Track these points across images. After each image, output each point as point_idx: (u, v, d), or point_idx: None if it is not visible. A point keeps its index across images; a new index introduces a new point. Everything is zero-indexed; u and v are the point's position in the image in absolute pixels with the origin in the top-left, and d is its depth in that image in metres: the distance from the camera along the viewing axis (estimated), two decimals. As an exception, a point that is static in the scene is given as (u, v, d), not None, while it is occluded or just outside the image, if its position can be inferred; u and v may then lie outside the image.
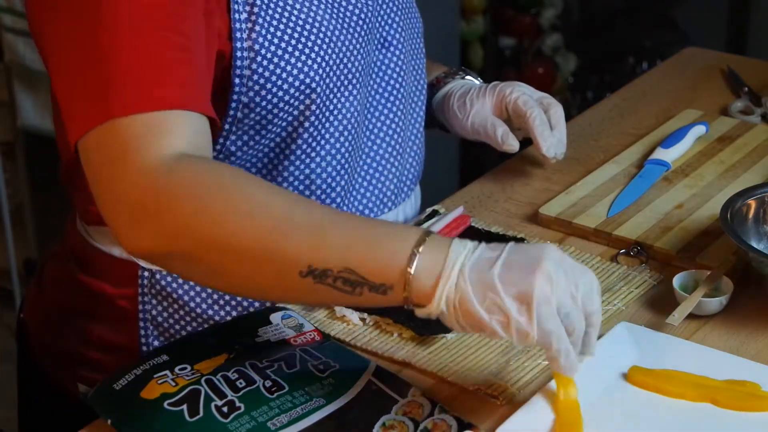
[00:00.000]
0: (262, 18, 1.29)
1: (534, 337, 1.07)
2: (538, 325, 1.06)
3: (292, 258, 1.09)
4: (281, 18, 1.31)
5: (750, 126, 1.73)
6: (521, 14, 3.52)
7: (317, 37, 1.33)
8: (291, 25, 1.32)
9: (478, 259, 1.08)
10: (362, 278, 1.09)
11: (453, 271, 1.08)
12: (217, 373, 1.21)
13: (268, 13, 1.30)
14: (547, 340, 1.07)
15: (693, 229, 1.47)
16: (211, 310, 1.40)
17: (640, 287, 1.39)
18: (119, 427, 1.18)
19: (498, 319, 1.07)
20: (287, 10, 1.32)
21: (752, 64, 1.96)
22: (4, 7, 2.87)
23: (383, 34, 1.44)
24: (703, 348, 1.27)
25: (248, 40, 1.29)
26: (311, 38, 1.33)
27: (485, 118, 1.54)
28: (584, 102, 3.53)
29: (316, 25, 1.33)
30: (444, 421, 1.17)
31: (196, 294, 1.40)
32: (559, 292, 1.08)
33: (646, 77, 1.97)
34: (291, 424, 1.16)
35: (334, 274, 1.09)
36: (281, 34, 1.31)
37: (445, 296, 1.08)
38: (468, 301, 1.07)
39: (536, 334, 1.07)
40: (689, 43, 2.22)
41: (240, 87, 1.30)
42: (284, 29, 1.31)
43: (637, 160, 1.65)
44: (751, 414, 1.18)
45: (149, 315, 1.41)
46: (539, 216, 1.53)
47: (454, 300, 1.08)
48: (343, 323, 1.34)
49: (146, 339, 1.42)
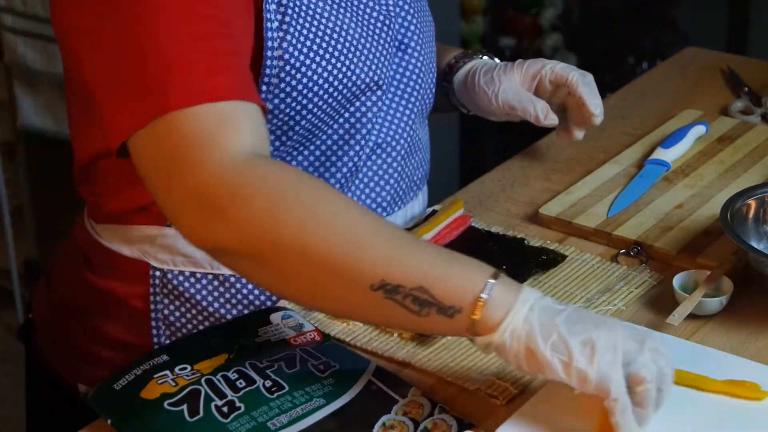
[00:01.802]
0: (293, 27, 1.29)
1: (592, 380, 1.07)
2: (598, 367, 1.07)
3: (366, 270, 1.09)
4: (311, 27, 1.31)
5: (750, 126, 1.73)
6: (521, 14, 3.52)
7: (343, 46, 1.33)
8: (320, 34, 1.32)
9: (547, 305, 1.10)
10: (433, 298, 1.09)
11: (524, 306, 1.09)
12: (217, 373, 1.21)
13: (299, 22, 1.30)
14: (605, 386, 1.07)
15: (693, 229, 1.47)
16: (224, 309, 1.40)
17: (640, 287, 1.39)
18: (119, 427, 1.18)
19: (559, 358, 1.08)
20: (316, 18, 1.31)
21: (752, 64, 1.96)
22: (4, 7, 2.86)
23: (401, 38, 1.44)
24: (703, 348, 1.27)
25: (279, 49, 1.28)
26: (338, 47, 1.33)
27: (518, 92, 1.52)
28: (584, 102, 3.52)
29: (343, 34, 1.34)
30: (444, 421, 1.17)
31: (208, 293, 1.40)
32: (626, 344, 1.08)
33: (646, 77, 1.97)
34: (291, 424, 1.16)
35: (405, 291, 1.09)
36: (311, 43, 1.31)
37: (512, 328, 1.09)
38: (533, 337, 1.08)
39: (594, 377, 1.07)
40: (689, 43, 2.22)
41: (267, 94, 1.30)
42: (313, 38, 1.31)
43: (637, 160, 1.65)
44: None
45: (161, 314, 1.41)
46: (539, 216, 1.53)
47: (520, 333, 1.09)
48: (343, 323, 1.34)
49: (158, 338, 1.42)
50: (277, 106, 1.31)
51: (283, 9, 1.29)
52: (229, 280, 1.39)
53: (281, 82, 1.30)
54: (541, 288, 1.39)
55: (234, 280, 1.39)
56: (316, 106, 1.33)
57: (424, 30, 1.48)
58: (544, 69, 1.53)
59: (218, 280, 1.39)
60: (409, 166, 1.49)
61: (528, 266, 1.40)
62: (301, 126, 1.34)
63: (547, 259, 1.42)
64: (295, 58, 1.29)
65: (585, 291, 1.38)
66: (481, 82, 1.55)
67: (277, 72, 1.29)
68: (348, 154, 1.40)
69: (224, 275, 1.39)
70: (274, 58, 1.28)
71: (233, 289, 1.40)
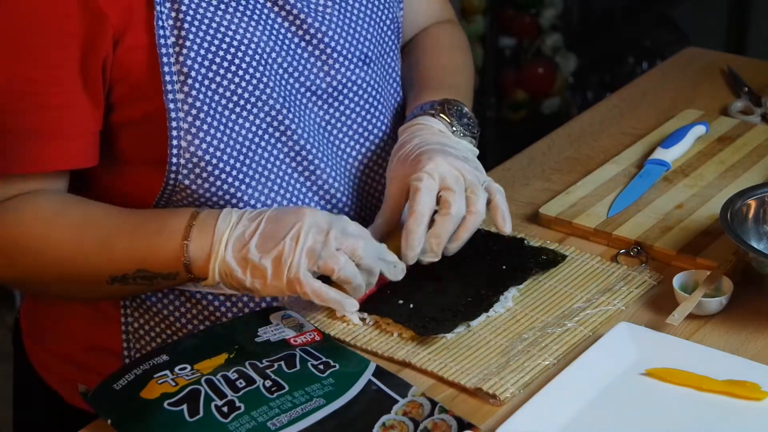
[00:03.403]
0: (190, 41, 1.30)
1: (285, 290, 1.27)
2: (287, 278, 1.26)
3: (95, 275, 1.32)
4: (213, 39, 1.31)
5: (750, 126, 1.73)
6: (521, 14, 3.52)
7: (252, 57, 1.33)
8: (223, 46, 1.31)
9: (239, 234, 1.28)
10: (154, 273, 1.31)
11: (219, 248, 1.28)
12: (217, 373, 1.21)
13: (198, 35, 1.30)
14: (296, 291, 1.27)
15: (693, 229, 1.47)
16: (191, 325, 1.42)
17: (640, 287, 1.39)
18: (119, 427, 1.18)
19: (259, 282, 1.27)
20: (220, 31, 1.31)
21: (752, 64, 1.96)
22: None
23: (363, 51, 1.42)
24: (703, 348, 1.27)
25: (176, 63, 1.29)
26: (245, 59, 1.32)
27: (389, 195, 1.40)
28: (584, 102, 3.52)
29: (252, 46, 1.33)
30: (444, 421, 1.17)
31: (175, 308, 1.42)
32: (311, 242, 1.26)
33: (646, 77, 1.97)
34: (291, 424, 1.16)
35: (131, 275, 1.31)
36: (212, 56, 1.31)
37: (217, 271, 1.28)
38: (234, 273, 1.28)
39: (285, 287, 1.27)
40: (689, 43, 2.22)
41: (176, 112, 1.30)
42: (216, 51, 1.31)
43: (637, 160, 1.65)
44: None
45: (131, 327, 1.43)
46: (539, 216, 1.53)
47: (224, 273, 1.28)
48: (343, 323, 1.34)
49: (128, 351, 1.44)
50: (192, 124, 1.31)
51: (180, 23, 1.29)
52: (195, 297, 1.40)
53: (187, 96, 1.30)
54: (541, 288, 1.39)
55: (200, 296, 1.40)
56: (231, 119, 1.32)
57: (385, 42, 1.46)
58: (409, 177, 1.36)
59: (185, 296, 1.41)
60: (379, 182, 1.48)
61: (528, 266, 1.40)
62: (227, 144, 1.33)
63: (547, 259, 1.42)
64: (195, 71, 1.30)
65: (585, 291, 1.38)
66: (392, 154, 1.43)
67: (179, 87, 1.30)
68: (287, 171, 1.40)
69: (189, 291, 1.40)
70: (172, 73, 1.29)
71: (200, 305, 1.41)
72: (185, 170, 1.33)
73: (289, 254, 1.26)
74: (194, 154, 1.32)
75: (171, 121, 1.30)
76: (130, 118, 1.34)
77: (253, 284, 1.28)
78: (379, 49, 1.45)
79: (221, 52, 1.31)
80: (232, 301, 1.40)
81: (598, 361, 1.24)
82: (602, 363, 1.24)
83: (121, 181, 1.38)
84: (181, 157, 1.32)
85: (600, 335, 1.29)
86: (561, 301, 1.37)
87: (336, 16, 1.40)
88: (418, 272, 1.37)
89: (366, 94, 1.44)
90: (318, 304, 1.29)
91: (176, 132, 1.31)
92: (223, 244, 1.28)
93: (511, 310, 1.35)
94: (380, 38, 1.45)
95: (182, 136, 1.31)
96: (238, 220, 1.29)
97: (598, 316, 1.34)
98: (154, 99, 1.30)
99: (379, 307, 1.34)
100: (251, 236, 1.28)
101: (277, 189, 1.38)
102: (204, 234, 1.29)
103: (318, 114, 1.41)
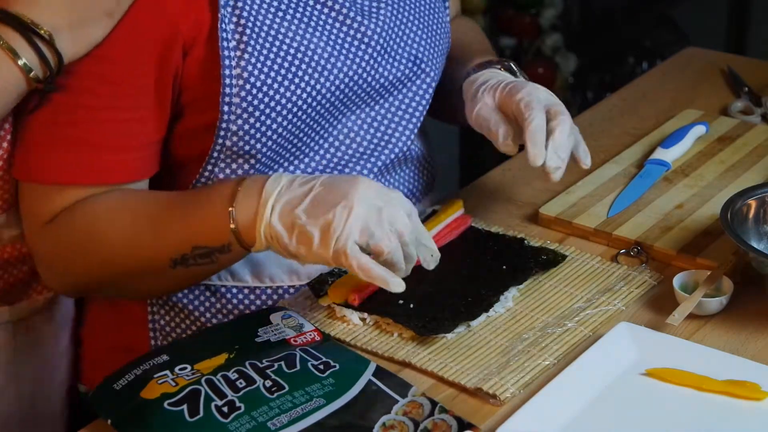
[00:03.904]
0: (251, 46, 1.30)
1: (330, 260, 1.23)
2: (334, 250, 1.22)
3: (157, 261, 1.29)
4: (272, 46, 1.32)
5: (750, 126, 1.73)
6: (521, 14, 3.51)
7: (308, 65, 1.34)
8: (282, 53, 1.32)
9: (288, 199, 1.24)
10: (210, 248, 1.28)
11: (266, 210, 1.25)
12: (217, 373, 1.21)
13: (258, 42, 1.31)
14: (342, 263, 1.22)
15: (693, 229, 1.47)
16: (215, 319, 1.43)
17: (640, 287, 1.39)
18: (119, 427, 1.18)
19: (304, 248, 1.24)
20: (278, 38, 1.32)
21: (752, 64, 1.96)
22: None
23: (412, 52, 1.44)
24: (703, 348, 1.27)
25: (237, 67, 1.30)
26: (302, 66, 1.33)
27: (489, 113, 1.47)
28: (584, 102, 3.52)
29: (309, 53, 1.34)
30: (444, 421, 1.17)
31: (200, 303, 1.43)
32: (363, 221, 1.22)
33: (646, 77, 1.97)
34: (291, 424, 1.16)
35: (190, 255, 1.28)
36: (271, 63, 1.31)
37: (264, 236, 1.25)
38: (280, 238, 1.24)
39: (331, 259, 1.23)
40: (689, 43, 2.22)
41: (229, 114, 1.31)
42: (274, 57, 1.32)
43: (637, 160, 1.65)
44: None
45: (158, 325, 1.44)
46: (539, 216, 1.53)
47: (270, 238, 1.25)
48: (343, 323, 1.34)
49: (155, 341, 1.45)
50: (241, 127, 1.32)
51: (242, 29, 1.29)
52: (220, 291, 1.41)
53: (242, 101, 1.31)
54: (541, 288, 1.39)
55: (224, 290, 1.41)
56: (281, 126, 1.34)
57: (437, 45, 1.48)
58: (515, 96, 1.42)
59: (210, 291, 1.41)
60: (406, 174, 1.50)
61: (528, 266, 1.40)
62: (269, 148, 1.35)
63: (547, 259, 1.42)
64: (254, 76, 1.31)
65: (585, 291, 1.38)
66: (468, 96, 1.50)
67: (237, 91, 1.30)
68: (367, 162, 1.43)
69: (215, 286, 1.41)
70: (233, 76, 1.30)
71: (224, 299, 1.42)
72: (222, 164, 1.35)
73: (339, 224, 1.22)
74: (235, 152, 1.34)
75: (222, 122, 1.31)
76: (187, 128, 1.35)
77: (298, 249, 1.24)
78: (431, 52, 1.47)
79: (279, 59, 1.32)
80: (256, 294, 1.41)
81: (598, 361, 1.24)
82: (602, 363, 1.24)
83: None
84: (222, 153, 1.34)
85: (600, 335, 1.29)
86: (561, 301, 1.37)
87: (389, 18, 1.41)
88: (418, 272, 1.37)
89: (417, 96, 1.46)
90: (364, 279, 1.24)
91: (224, 132, 1.32)
92: (269, 206, 1.25)
93: (511, 310, 1.35)
94: (432, 42, 1.47)
95: (228, 137, 1.32)
96: (289, 184, 1.26)
97: (598, 316, 1.34)
98: (210, 111, 1.31)
99: (379, 307, 1.34)
100: (301, 200, 1.24)
101: None
102: (250, 197, 1.26)
103: (369, 114, 1.43)
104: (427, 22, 1.47)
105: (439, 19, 1.50)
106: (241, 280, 1.41)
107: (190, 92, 1.32)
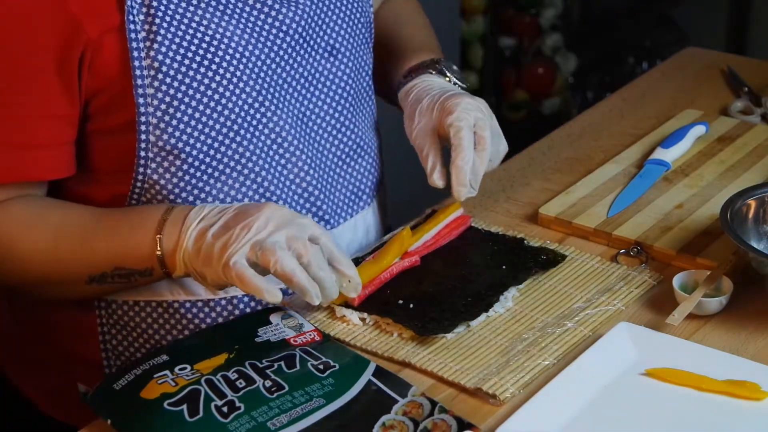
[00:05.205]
0: (161, 35, 1.30)
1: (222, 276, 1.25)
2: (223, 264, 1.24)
3: (74, 275, 1.33)
4: (185, 34, 1.31)
5: (750, 126, 1.73)
6: (521, 14, 3.52)
7: (225, 52, 1.33)
8: (195, 41, 1.32)
9: (205, 224, 1.28)
10: (131, 270, 1.31)
11: (185, 238, 1.28)
12: (217, 373, 1.21)
13: (170, 30, 1.30)
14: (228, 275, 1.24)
15: (693, 229, 1.47)
16: (170, 336, 1.42)
17: (640, 287, 1.39)
18: (119, 427, 1.18)
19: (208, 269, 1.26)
20: (192, 26, 1.31)
21: (752, 64, 1.96)
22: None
23: (330, 42, 1.43)
24: (703, 348, 1.27)
25: (147, 58, 1.29)
26: (218, 53, 1.33)
27: (424, 138, 1.44)
28: (584, 102, 3.52)
29: (225, 41, 1.33)
30: (444, 421, 1.17)
31: (153, 321, 1.42)
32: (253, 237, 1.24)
33: (646, 77, 1.97)
34: (291, 424, 1.16)
35: (110, 274, 1.32)
36: (184, 50, 1.31)
37: (183, 261, 1.29)
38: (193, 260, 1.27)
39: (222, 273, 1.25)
40: (689, 43, 2.22)
41: (145, 107, 1.30)
42: (188, 45, 1.31)
43: (637, 160, 1.65)
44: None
45: (110, 345, 1.43)
46: (539, 216, 1.53)
47: (187, 263, 1.28)
48: (343, 323, 1.34)
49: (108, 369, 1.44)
50: (161, 119, 1.31)
51: (151, 18, 1.29)
52: (173, 306, 1.40)
53: (157, 92, 1.30)
54: (541, 288, 1.39)
55: (177, 305, 1.40)
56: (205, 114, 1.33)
57: (356, 35, 1.47)
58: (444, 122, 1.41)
59: (162, 307, 1.40)
60: (352, 174, 1.49)
61: (528, 266, 1.40)
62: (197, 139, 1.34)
63: (547, 259, 1.42)
64: (166, 65, 1.30)
65: (585, 291, 1.38)
66: (407, 113, 1.49)
67: (150, 81, 1.30)
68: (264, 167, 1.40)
69: (167, 302, 1.40)
70: (143, 67, 1.29)
71: (177, 315, 1.40)
72: (153, 164, 1.34)
73: (234, 241, 1.25)
74: (162, 148, 1.33)
75: (140, 116, 1.31)
76: (104, 127, 1.34)
77: (202, 271, 1.27)
78: (349, 42, 1.46)
79: (193, 47, 1.31)
80: (210, 306, 1.40)
81: (598, 361, 1.24)
82: (602, 363, 1.24)
83: (93, 188, 1.38)
84: (149, 150, 1.33)
85: (600, 335, 1.29)
86: (561, 301, 1.37)
87: (309, 6, 1.40)
88: (418, 272, 1.37)
89: (334, 86, 1.45)
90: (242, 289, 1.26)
91: (144, 126, 1.31)
92: (188, 234, 1.28)
93: (511, 310, 1.35)
94: (351, 31, 1.46)
95: (150, 131, 1.32)
96: (209, 211, 1.29)
97: (598, 316, 1.34)
98: (129, 107, 1.31)
99: (379, 307, 1.34)
100: (213, 224, 1.27)
101: (249, 183, 1.38)
102: (175, 225, 1.29)
103: (295, 105, 1.41)
104: (347, 11, 1.46)
105: (360, 7, 1.48)
106: (194, 294, 1.40)
107: (108, 90, 1.31)
